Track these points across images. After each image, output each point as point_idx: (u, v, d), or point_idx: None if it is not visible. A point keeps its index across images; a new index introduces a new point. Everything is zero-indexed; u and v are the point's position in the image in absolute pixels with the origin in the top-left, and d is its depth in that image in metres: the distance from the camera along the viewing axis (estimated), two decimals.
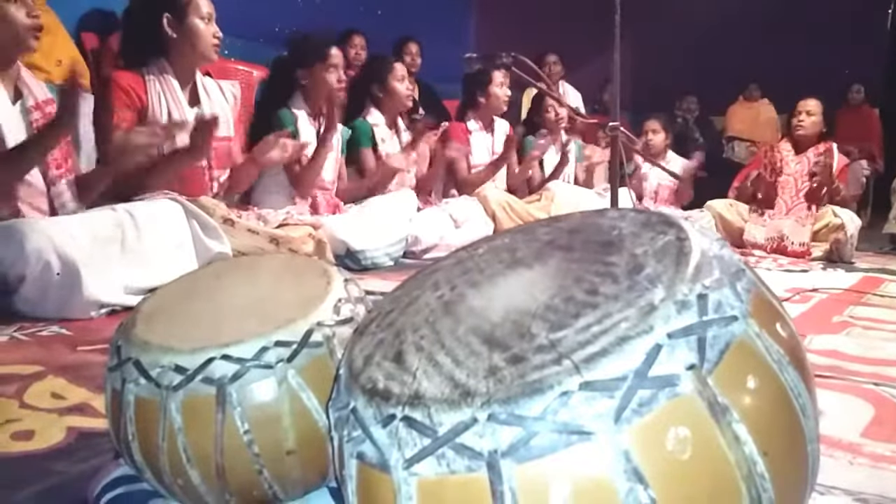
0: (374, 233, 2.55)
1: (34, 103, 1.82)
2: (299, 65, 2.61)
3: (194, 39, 2.10)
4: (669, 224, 0.51)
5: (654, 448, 0.39)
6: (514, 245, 0.60)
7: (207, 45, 2.12)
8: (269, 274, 0.76)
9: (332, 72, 2.60)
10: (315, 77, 2.60)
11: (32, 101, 1.82)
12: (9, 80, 1.78)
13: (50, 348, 1.39)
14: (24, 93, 1.81)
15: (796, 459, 0.43)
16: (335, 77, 2.61)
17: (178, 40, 2.10)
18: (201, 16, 2.10)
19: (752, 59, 6.12)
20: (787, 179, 3.53)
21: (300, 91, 2.63)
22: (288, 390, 0.62)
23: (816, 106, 3.56)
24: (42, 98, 1.86)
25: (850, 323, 1.82)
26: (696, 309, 0.42)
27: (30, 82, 1.85)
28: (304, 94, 2.63)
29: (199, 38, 2.10)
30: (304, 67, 2.60)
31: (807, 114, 3.55)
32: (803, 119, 3.55)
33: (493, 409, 0.40)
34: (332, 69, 2.60)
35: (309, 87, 2.62)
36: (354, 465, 0.47)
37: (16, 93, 1.80)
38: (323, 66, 2.59)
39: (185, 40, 2.10)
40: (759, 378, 0.42)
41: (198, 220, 1.91)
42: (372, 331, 0.55)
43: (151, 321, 0.68)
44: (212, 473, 0.62)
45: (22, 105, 1.80)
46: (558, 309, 0.47)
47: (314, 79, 2.60)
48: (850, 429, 1.02)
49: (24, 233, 1.55)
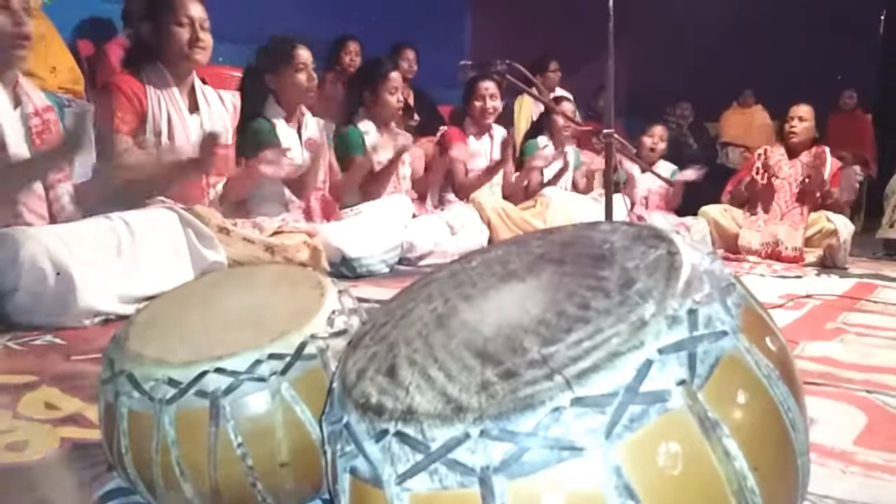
0: (369, 240, 2.55)
1: (33, 110, 1.83)
2: (267, 70, 2.60)
3: (171, 44, 2.09)
4: (661, 238, 0.52)
5: (646, 464, 0.39)
6: (507, 258, 0.60)
7: (182, 49, 2.09)
8: (263, 285, 0.76)
9: (301, 72, 2.55)
10: (284, 80, 2.56)
11: (32, 108, 1.83)
12: (8, 87, 1.78)
13: (44, 358, 1.39)
14: (24, 100, 1.82)
15: (786, 473, 0.43)
16: (304, 77, 2.57)
17: (165, 45, 2.10)
18: (179, 21, 2.08)
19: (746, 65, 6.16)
20: (781, 184, 3.56)
21: (273, 97, 2.60)
22: (281, 403, 0.62)
23: (808, 112, 3.61)
24: (41, 105, 1.86)
25: (844, 329, 1.82)
26: (687, 324, 0.43)
27: (28, 89, 1.85)
28: (276, 100, 2.60)
29: (174, 42, 2.08)
30: (272, 73, 2.58)
31: (799, 119, 3.59)
32: (795, 125, 3.59)
33: (486, 424, 0.41)
34: (300, 70, 2.56)
35: (280, 91, 2.59)
36: (348, 479, 0.47)
37: (15, 100, 1.80)
38: (291, 67, 2.55)
39: (165, 46, 2.10)
40: (749, 393, 0.42)
41: (193, 228, 1.91)
42: (365, 344, 0.56)
43: (145, 334, 0.68)
44: (205, 486, 0.62)
45: (21, 111, 1.80)
46: (550, 323, 0.47)
47: (284, 83, 2.56)
48: (842, 437, 1.02)
49: (19, 240, 1.55)
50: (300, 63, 2.55)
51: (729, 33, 6.09)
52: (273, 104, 2.59)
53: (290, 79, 2.55)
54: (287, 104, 2.60)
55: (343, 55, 4.39)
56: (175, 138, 2.12)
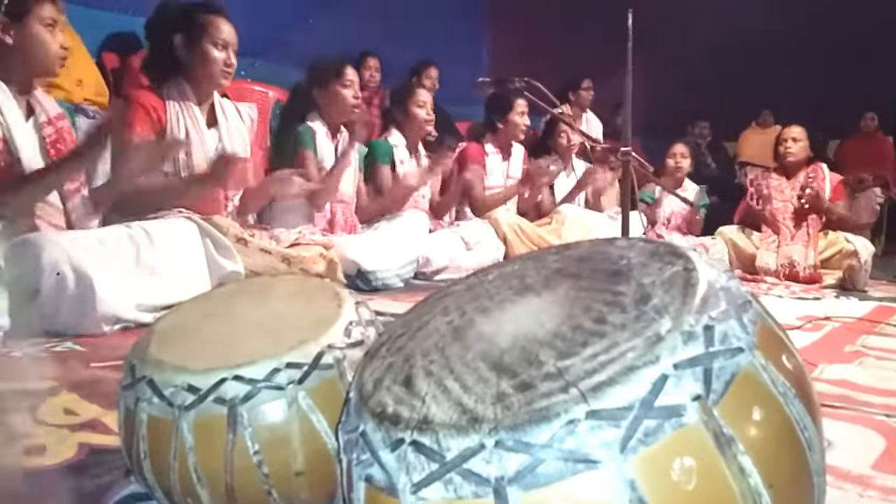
0: (385, 253, 2.57)
1: (46, 119, 1.87)
2: (316, 84, 2.71)
3: (205, 64, 2.14)
4: (677, 255, 0.52)
5: (660, 478, 0.39)
6: (523, 272, 0.61)
7: (217, 70, 2.15)
8: (281, 296, 0.77)
9: (349, 89, 2.70)
10: (331, 94, 2.70)
11: (45, 117, 1.87)
12: (22, 97, 1.82)
13: (63, 364, 1.41)
14: (37, 109, 1.86)
15: (802, 492, 0.43)
16: (351, 94, 2.72)
17: (191, 63, 2.14)
18: (216, 42, 2.13)
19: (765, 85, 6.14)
20: (785, 206, 3.58)
21: (317, 110, 2.72)
22: (298, 412, 0.63)
23: (801, 132, 3.66)
24: (54, 114, 1.90)
25: (863, 352, 1.80)
26: (703, 340, 0.43)
27: (41, 98, 1.89)
28: (320, 113, 2.73)
29: (209, 63, 2.13)
30: (321, 86, 2.70)
31: (793, 140, 3.64)
32: (790, 146, 3.64)
33: (501, 435, 0.41)
34: (348, 86, 2.69)
35: (325, 104, 2.73)
36: (363, 488, 0.47)
37: (28, 109, 1.84)
38: (339, 83, 2.69)
39: (196, 64, 2.14)
40: (764, 410, 0.42)
41: (212, 238, 1.94)
42: (382, 354, 0.56)
43: (165, 341, 0.69)
44: (221, 493, 0.62)
45: (35, 121, 1.84)
46: (566, 337, 0.48)
47: (330, 96, 2.71)
48: (860, 461, 1.01)
49: (41, 246, 1.58)
50: (347, 80, 2.70)
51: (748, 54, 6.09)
52: (315, 116, 2.70)
53: (336, 93, 2.68)
54: (330, 119, 2.72)
55: (363, 71, 4.45)
56: (193, 153, 2.16)
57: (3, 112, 1.73)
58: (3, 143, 1.73)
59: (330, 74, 2.71)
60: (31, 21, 1.76)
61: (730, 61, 5.98)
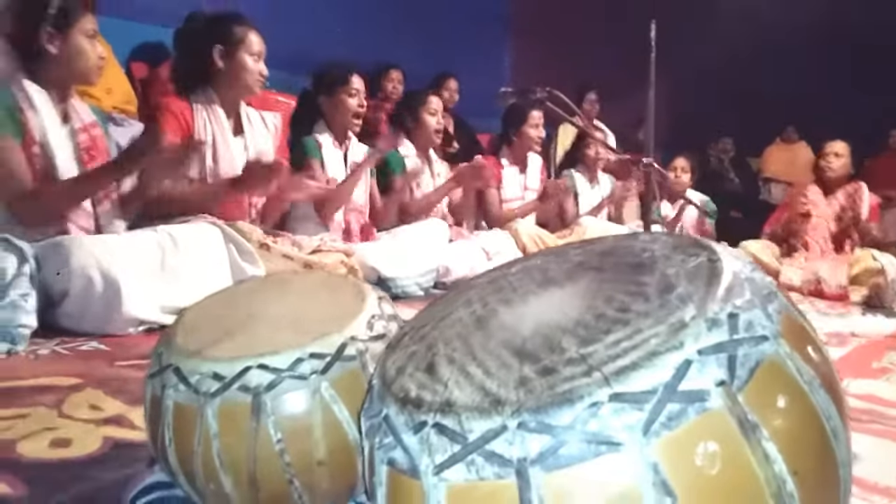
0: (405, 261, 2.58)
1: (81, 126, 1.91)
2: (321, 92, 2.70)
3: (242, 74, 2.20)
4: (702, 247, 0.52)
5: (683, 462, 0.39)
6: (546, 265, 0.61)
7: (254, 80, 2.24)
8: (304, 290, 0.78)
9: (354, 97, 2.68)
10: (336, 103, 2.69)
11: (80, 124, 1.91)
12: (59, 104, 1.87)
13: (89, 362, 1.43)
14: (73, 116, 1.90)
15: (827, 482, 0.43)
16: (356, 102, 2.69)
17: (226, 72, 2.19)
18: (252, 52, 2.21)
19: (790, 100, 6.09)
20: (818, 222, 3.51)
21: (323, 119, 2.71)
22: (321, 402, 0.64)
23: (844, 148, 3.58)
24: (88, 121, 1.95)
25: (890, 369, 1.77)
26: (727, 327, 0.43)
27: (77, 106, 1.94)
28: (326, 121, 2.72)
29: (247, 72, 2.20)
30: (326, 95, 2.69)
31: (835, 155, 3.57)
32: (832, 161, 3.57)
33: (524, 417, 0.41)
34: (353, 95, 2.68)
35: (331, 113, 2.71)
36: (385, 471, 0.48)
37: (64, 116, 1.88)
38: (344, 91, 2.67)
39: (232, 73, 2.20)
40: (789, 398, 0.42)
41: (235, 243, 1.96)
42: (405, 344, 0.57)
43: (192, 331, 0.70)
44: (244, 480, 0.63)
45: (70, 128, 1.89)
46: (589, 325, 0.48)
47: (336, 105, 2.69)
48: (887, 473, 0.99)
49: (70, 249, 1.61)
50: (353, 88, 2.68)
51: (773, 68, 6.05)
52: (322, 125, 2.70)
53: (342, 102, 2.67)
54: (336, 127, 2.72)
55: (386, 83, 4.49)
56: (219, 160, 2.20)
57: (41, 118, 1.78)
58: (39, 147, 1.77)
59: (335, 82, 2.69)
60: (74, 32, 1.82)
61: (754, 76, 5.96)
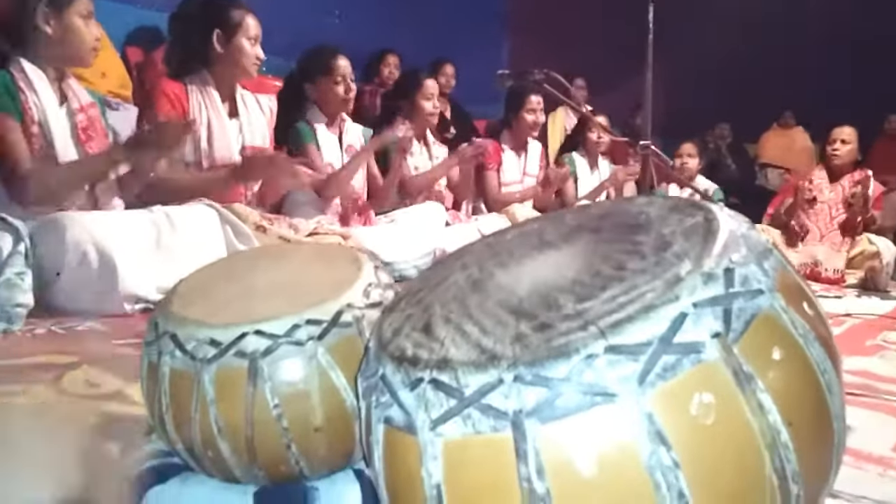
0: (402, 245, 2.57)
1: (79, 106, 1.91)
2: (306, 79, 2.66)
3: (239, 57, 2.19)
4: (698, 207, 0.52)
5: (678, 412, 0.39)
6: (542, 230, 0.61)
7: (250, 64, 2.23)
8: (301, 259, 0.78)
9: (340, 83, 2.62)
10: (322, 90, 2.63)
11: (77, 105, 1.91)
12: (55, 84, 1.86)
13: (85, 341, 1.43)
14: (70, 96, 1.90)
15: (821, 433, 0.43)
16: (343, 88, 2.62)
17: (223, 56, 2.18)
18: (249, 37, 2.20)
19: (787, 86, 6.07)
20: (821, 207, 3.50)
21: (314, 104, 2.68)
22: (317, 367, 0.64)
23: (851, 134, 3.53)
24: (85, 102, 1.94)
25: (884, 346, 1.78)
26: (723, 281, 0.43)
27: (74, 86, 1.93)
28: (318, 107, 2.68)
29: (244, 56, 2.20)
30: (311, 82, 2.65)
31: (842, 142, 3.52)
32: (838, 147, 3.52)
33: (519, 370, 0.41)
34: (338, 82, 2.62)
35: (319, 100, 2.66)
36: (381, 430, 0.48)
37: (62, 96, 1.88)
38: (329, 78, 2.62)
39: (230, 57, 2.19)
40: (784, 350, 0.42)
41: (231, 225, 1.95)
42: (401, 307, 0.57)
43: (188, 299, 0.70)
44: (241, 446, 0.63)
45: (68, 108, 1.88)
46: (585, 283, 0.48)
47: (322, 91, 2.64)
48: (880, 443, 1.00)
49: (65, 225, 1.60)
50: (339, 74, 2.62)
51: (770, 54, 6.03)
52: (315, 109, 2.67)
53: (328, 89, 2.62)
54: (327, 112, 2.67)
55: (383, 68, 4.47)
56: (214, 143, 2.19)
57: (39, 97, 1.78)
58: (38, 126, 1.78)
59: (320, 68, 2.63)
60: (70, 13, 1.82)
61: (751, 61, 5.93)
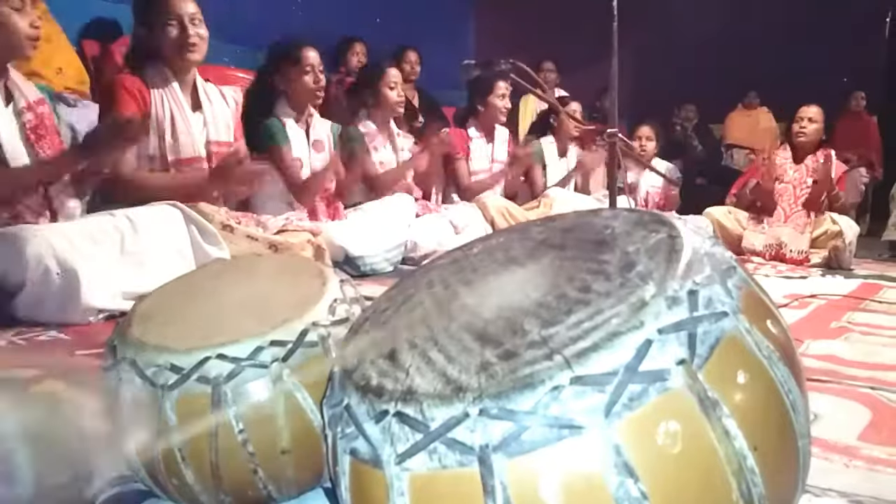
0: (372, 238, 2.55)
1: (26, 104, 1.83)
2: (275, 71, 2.61)
3: (166, 44, 2.10)
4: (662, 223, 0.52)
5: (645, 442, 0.39)
6: (508, 244, 0.60)
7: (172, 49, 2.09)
8: (265, 275, 0.76)
9: (309, 74, 2.57)
10: (292, 81, 2.58)
11: (24, 103, 1.83)
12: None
13: (48, 353, 1.39)
14: (16, 94, 1.82)
15: (787, 455, 0.43)
16: (312, 78, 2.58)
17: (159, 46, 2.10)
18: (168, 21, 2.07)
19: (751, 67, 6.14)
20: (785, 187, 3.54)
21: (283, 97, 2.63)
22: (283, 390, 0.63)
23: (818, 113, 3.56)
24: (33, 99, 1.86)
25: (848, 328, 1.81)
26: (687, 305, 0.43)
27: (20, 83, 1.85)
28: (287, 100, 2.63)
29: (167, 42, 2.09)
30: (281, 74, 2.59)
31: (808, 120, 3.55)
32: (805, 126, 3.55)
33: (485, 403, 0.41)
34: (308, 72, 2.57)
35: (289, 92, 2.61)
36: (348, 461, 0.47)
37: (7, 95, 1.80)
38: (298, 69, 2.56)
39: (162, 46, 2.10)
40: (749, 373, 0.42)
41: (197, 225, 1.92)
42: (366, 329, 0.56)
43: (147, 321, 0.68)
44: (206, 473, 0.62)
45: (14, 106, 1.81)
46: (551, 306, 0.47)
47: (291, 83, 2.58)
48: (846, 432, 1.02)
49: (24, 238, 1.55)
50: (308, 64, 2.56)
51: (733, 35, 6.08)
52: (283, 104, 2.61)
53: (297, 80, 2.56)
54: (295, 104, 2.62)
55: (350, 56, 4.40)
56: (178, 137, 2.13)
57: None
58: None
59: (289, 61, 2.58)
60: None
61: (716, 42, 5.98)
